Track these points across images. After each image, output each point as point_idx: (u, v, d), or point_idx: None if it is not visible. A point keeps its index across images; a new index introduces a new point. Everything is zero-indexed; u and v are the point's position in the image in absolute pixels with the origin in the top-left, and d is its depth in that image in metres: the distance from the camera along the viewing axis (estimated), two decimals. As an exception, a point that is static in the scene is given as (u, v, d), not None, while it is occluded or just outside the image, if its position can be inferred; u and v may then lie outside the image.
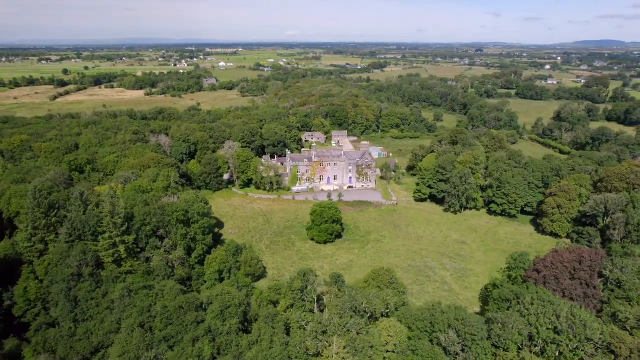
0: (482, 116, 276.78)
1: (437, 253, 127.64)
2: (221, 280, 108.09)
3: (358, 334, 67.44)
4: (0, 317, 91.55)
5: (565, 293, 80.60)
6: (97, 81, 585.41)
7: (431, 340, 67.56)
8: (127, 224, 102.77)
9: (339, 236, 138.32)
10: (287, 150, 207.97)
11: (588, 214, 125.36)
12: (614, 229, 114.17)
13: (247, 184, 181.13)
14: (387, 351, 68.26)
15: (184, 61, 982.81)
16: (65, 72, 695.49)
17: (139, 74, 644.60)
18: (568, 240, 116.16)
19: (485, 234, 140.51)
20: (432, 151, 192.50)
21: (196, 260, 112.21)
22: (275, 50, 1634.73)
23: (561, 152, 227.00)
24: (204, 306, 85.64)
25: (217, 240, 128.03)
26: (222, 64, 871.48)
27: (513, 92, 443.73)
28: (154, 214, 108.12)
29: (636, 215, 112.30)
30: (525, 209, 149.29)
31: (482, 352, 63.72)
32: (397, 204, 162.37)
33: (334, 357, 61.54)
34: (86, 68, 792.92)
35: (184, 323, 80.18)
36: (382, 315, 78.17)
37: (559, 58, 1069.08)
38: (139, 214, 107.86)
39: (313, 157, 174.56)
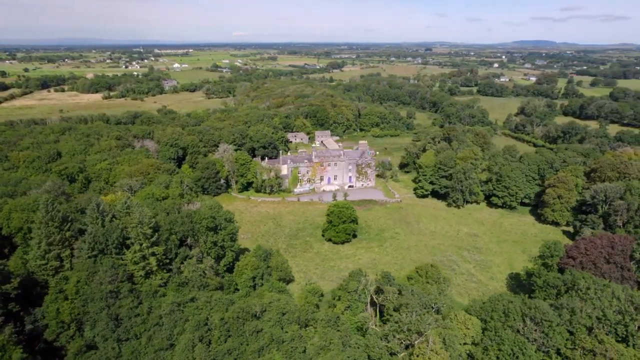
0: (458, 113, 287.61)
1: (455, 247, 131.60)
2: (254, 287, 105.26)
3: (443, 328, 68.43)
4: (23, 342, 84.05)
5: (605, 276, 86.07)
6: (44, 84, 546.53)
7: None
8: (156, 234, 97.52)
9: (354, 236, 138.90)
10: (278, 151, 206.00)
11: (588, 203, 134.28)
12: (617, 215, 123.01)
13: (246, 187, 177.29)
14: (465, 343, 69.83)
15: (134, 63, 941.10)
16: (3, 74, 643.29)
17: (90, 76, 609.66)
18: (588, 230, 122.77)
19: (492, 226, 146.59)
20: (425, 149, 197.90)
21: (225, 268, 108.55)
22: (226, 51, 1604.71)
23: (535, 145, 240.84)
24: (257, 315, 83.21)
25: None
26: (176, 65, 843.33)
27: (475, 89, 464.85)
28: (181, 222, 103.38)
29: (635, 202, 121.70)
30: (523, 201, 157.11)
31: (559, 337, 66.75)
32: (401, 201, 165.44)
33: (428, 353, 62.08)
34: (26, 70, 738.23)
35: (244, 333, 77.69)
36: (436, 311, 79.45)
37: (504, 57, 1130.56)
38: (165, 223, 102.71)
39: (313, 157, 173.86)
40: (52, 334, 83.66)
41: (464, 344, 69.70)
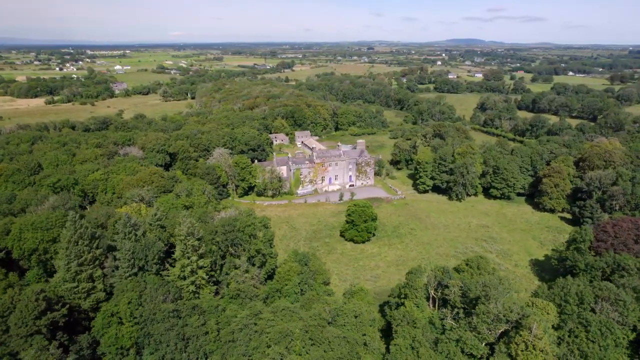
0: (429, 110, 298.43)
1: (472, 238, 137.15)
2: (301, 292, 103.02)
3: (526, 316, 71.43)
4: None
5: (638, 256, 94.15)
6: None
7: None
8: (203, 245, 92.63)
9: (372, 234, 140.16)
10: (267, 154, 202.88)
11: (584, 190, 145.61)
12: (613, 200, 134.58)
13: (246, 192, 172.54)
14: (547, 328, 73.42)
15: (69, 64, 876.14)
16: None
17: (20, 79, 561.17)
18: (605, 215, 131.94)
19: (497, 216, 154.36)
20: (415, 145, 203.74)
21: (266, 276, 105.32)
22: (166, 52, 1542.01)
23: (505, 138, 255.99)
24: (330, 320, 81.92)
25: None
26: (118, 67, 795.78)
27: (431, 86, 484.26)
28: (222, 231, 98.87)
29: (629, 187, 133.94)
30: (518, 191, 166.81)
31: (632, 315, 72.32)
32: (404, 197, 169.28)
33: (532, 339, 64.75)
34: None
35: (327, 340, 76.23)
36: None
37: (444, 55, 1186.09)
38: (205, 234, 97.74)
39: (315, 158, 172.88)
40: (112, 362, 76.92)
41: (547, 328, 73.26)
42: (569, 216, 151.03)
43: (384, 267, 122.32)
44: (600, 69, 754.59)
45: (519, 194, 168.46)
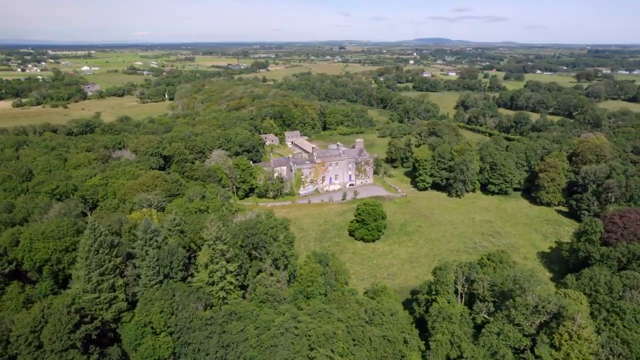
0: (415, 108, 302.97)
1: (478, 233, 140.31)
2: (325, 294, 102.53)
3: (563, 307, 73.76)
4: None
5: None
6: None
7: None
8: (230, 250, 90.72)
9: (382, 233, 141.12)
10: (264, 154, 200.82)
11: (579, 184, 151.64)
12: (609, 193, 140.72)
13: (247, 194, 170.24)
14: (581, 319, 76.02)
15: (31, 65, 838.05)
16: None
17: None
18: (611, 207, 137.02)
19: (497, 211, 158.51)
20: (409, 144, 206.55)
21: (287, 278, 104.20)
22: (134, 52, 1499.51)
23: (490, 135, 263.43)
24: (367, 320, 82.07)
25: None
26: (85, 68, 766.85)
27: (410, 85, 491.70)
28: (246, 234, 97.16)
29: (623, 180, 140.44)
30: (514, 186, 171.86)
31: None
32: (406, 195, 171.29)
33: (576, 329, 66.94)
34: None
35: (368, 339, 76.37)
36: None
37: (415, 54, 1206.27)
38: (229, 237, 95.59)
39: (315, 158, 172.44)
40: (150, 374, 74.15)
41: (579, 318, 75.88)
42: (565, 209, 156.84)
43: (399, 264, 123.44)
44: (565, 67, 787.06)
45: (515, 189, 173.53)
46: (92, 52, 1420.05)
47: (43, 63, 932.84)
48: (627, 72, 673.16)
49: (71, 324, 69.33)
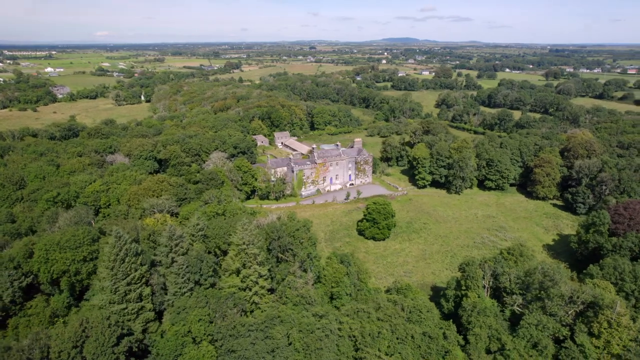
0: (400, 107, 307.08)
1: (484, 228, 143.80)
2: (349, 294, 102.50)
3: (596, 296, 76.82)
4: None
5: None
6: None
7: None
8: (261, 253, 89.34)
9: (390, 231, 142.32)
10: (258, 156, 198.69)
11: (574, 178, 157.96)
12: (604, 186, 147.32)
13: (248, 196, 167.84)
14: (611, 307, 79.35)
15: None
16: None
17: None
18: (612, 199, 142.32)
19: (497, 206, 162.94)
20: (403, 142, 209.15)
21: (313, 280, 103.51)
22: (98, 53, 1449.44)
23: (475, 132, 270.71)
24: (405, 318, 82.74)
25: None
26: (49, 69, 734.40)
27: (389, 84, 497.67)
28: (274, 237, 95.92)
29: (616, 174, 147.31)
30: (511, 182, 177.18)
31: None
32: (407, 193, 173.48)
33: (616, 316, 69.88)
34: None
35: (410, 337, 77.09)
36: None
37: (386, 53, 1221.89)
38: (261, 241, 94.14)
39: (316, 158, 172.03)
40: (196, 385, 71.90)
41: (609, 307, 79.19)
42: (560, 203, 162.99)
43: (413, 262, 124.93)
44: (531, 66, 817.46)
45: (510, 184, 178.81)
46: (53, 52, 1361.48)
47: (0, 64, 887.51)
48: (588, 71, 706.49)
49: (114, 337, 66.58)
